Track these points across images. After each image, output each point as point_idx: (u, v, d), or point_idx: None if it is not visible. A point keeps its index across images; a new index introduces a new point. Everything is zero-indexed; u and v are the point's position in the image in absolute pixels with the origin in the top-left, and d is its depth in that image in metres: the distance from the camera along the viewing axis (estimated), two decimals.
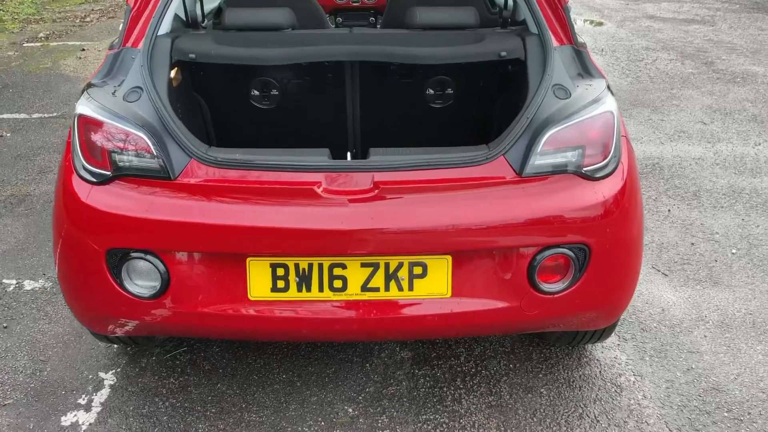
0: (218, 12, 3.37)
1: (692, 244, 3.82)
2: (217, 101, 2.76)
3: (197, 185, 2.22)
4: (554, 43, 2.45)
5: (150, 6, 2.52)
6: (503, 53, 2.45)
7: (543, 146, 2.23)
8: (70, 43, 8.36)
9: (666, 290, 3.41)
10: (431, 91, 2.74)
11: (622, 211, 2.30)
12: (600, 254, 2.28)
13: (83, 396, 2.73)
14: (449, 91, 2.71)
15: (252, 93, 2.71)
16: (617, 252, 2.33)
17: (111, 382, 2.79)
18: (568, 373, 2.86)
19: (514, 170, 2.24)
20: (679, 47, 7.98)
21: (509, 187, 2.22)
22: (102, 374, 2.84)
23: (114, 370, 2.85)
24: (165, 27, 2.53)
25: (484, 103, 2.77)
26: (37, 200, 4.31)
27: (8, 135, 5.40)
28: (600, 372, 2.86)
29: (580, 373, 2.86)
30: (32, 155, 5.01)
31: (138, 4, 2.52)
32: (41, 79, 6.83)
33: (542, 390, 2.76)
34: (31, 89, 6.52)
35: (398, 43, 2.52)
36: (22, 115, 5.85)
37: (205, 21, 3.43)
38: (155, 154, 2.22)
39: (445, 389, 2.75)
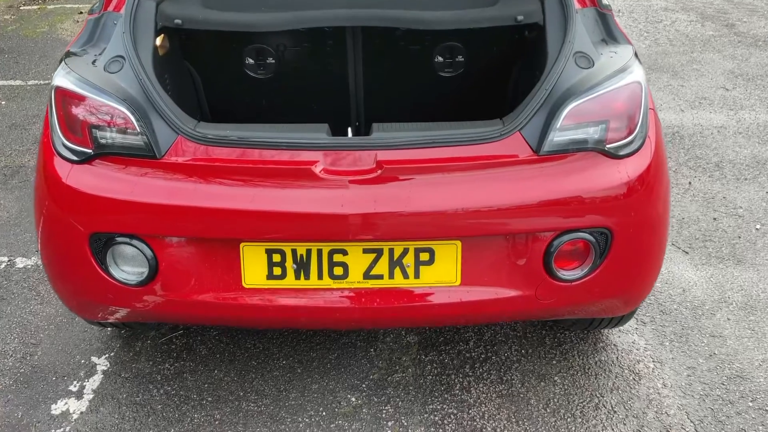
0: None
1: (714, 219, 3.62)
2: (209, 70, 2.55)
3: (185, 164, 2.03)
4: (576, 5, 2.22)
5: None
6: (520, 17, 2.22)
7: (563, 121, 2.02)
8: (68, 6, 8.10)
9: (687, 269, 3.22)
10: (440, 59, 2.51)
11: (648, 191, 2.10)
12: (622, 239, 2.09)
13: (75, 382, 2.59)
14: (460, 58, 2.49)
15: (246, 61, 2.50)
16: (641, 236, 2.13)
17: (104, 368, 2.66)
18: (583, 359, 2.69)
19: (530, 147, 2.04)
20: (699, 8, 7.63)
21: (525, 166, 2.02)
22: (95, 359, 2.70)
23: (107, 355, 2.72)
24: None
25: (498, 71, 2.55)
26: (32, 172, 4.14)
27: (3, 103, 5.21)
28: (617, 358, 2.70)
29: (596, 359, 2.69)
30: (27, 124, 4.83)
31: None
32: (37, 44, 6.61)
33: (556, 378, 2.60)
34: (27, 55, 6.30)
35: (404, 6, 2.29)
36: (18, 82, 5.64)
37: None
38: (139, 130, 2.03)
39: (453, 376, 2.60)
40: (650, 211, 2.12)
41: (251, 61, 2.49)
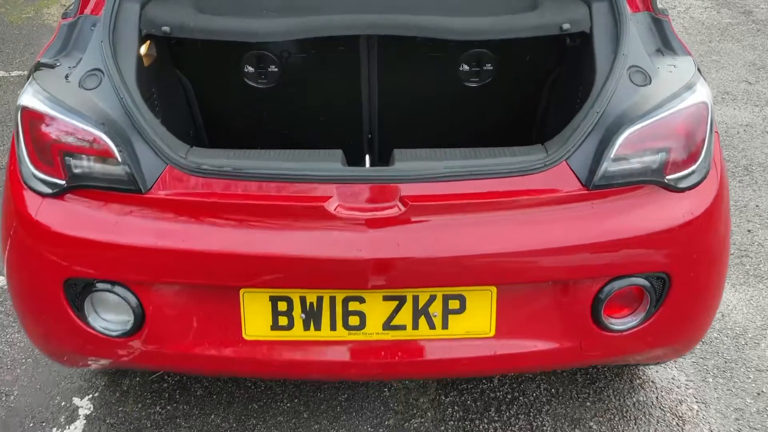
0: None
1: (749, 231, 3.32)
2: (203, 79, 2.22)
3: (175, 200, 1.71)
4: (628, 9, 1.89)
5: None
6: (565, 26, 1.90)
7: (617, 150, 1.71)
8: None
9: (724, 290, 2.93)
10: (466, 67, 2.19)
11: (713, 229, 1.80)
12: (682, 283, 1.79)
13: (54, 429, 2.30)
14: (488, 66, 2.17)
15: (245, 69, 2.17)
16: (702, 278, 1.84)
17: (87, 411, 2.35)
18: (619, 400, 2.41)
19: (579, 180, 1.73)
20: None
21: (574, 202, 1.71)
22: (77, 400, 2.39)
23: (90, 395, 2.41)
24: None
25: (533, 81, 2.23)
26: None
27: None
28: (657, 398, 2.41)
29: (634, 399, 2.41)
30: (9, 120, 4.46)
31: None
32: (22, 31, 6.21)
33: (591, 423, 2.32)
34: (11, 42, 5.90)
35: (429, 11, 1.96)
36: (0, 73, 5.27)
37: None
38: (120, 159, 1.70)
39: (477, 422, 2.31)
40: (714, 250, 1.82)
41: (251, 69, 2.16)
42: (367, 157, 1.82)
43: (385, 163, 1.82)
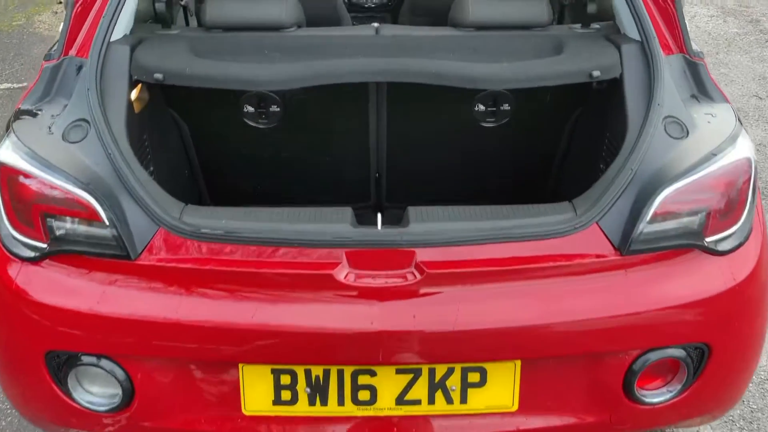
0: None
1: None
2: (199, 119, 2.04)
3: (167, 267, 1.54)
4: (661, 52, 1.73)
5: None
6: (595, 73, 1.73)
7: (654, 211, 1.55)
8: None
9: None
10: (481, 107, 2.02)
11: (756, 293, 1.64)
12: (722, 352, 1.63)
13: None
14: (505, 106, 2.00)
15: (245, 109, 2.00)
16: (743, 345, 1.68)
17: None
18: None
19: (611, 244, 1.56)
20: (718, 1, 7.11)
21: (606, 271, 1.55)
22: None
23: None
24: (123, 26, 1.80)
25: (553, 122, 2.07)
26: None
27: None
28: None
29: None
30: None
31: None
32: (12, 40, 6.01)
33: None
34: (0, 52, 5.72)
35: (446, 55, 1.79)
36: None
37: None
38: (107, 222, 1.53)
39: None
40: (757, 316, 1.67)
41: (251, 108, 1.99)
42: (379, 216, 1.65)
43: (398, 221, 1.66)
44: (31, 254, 1.58)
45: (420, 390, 1.61)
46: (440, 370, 1.59)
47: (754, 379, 2.53)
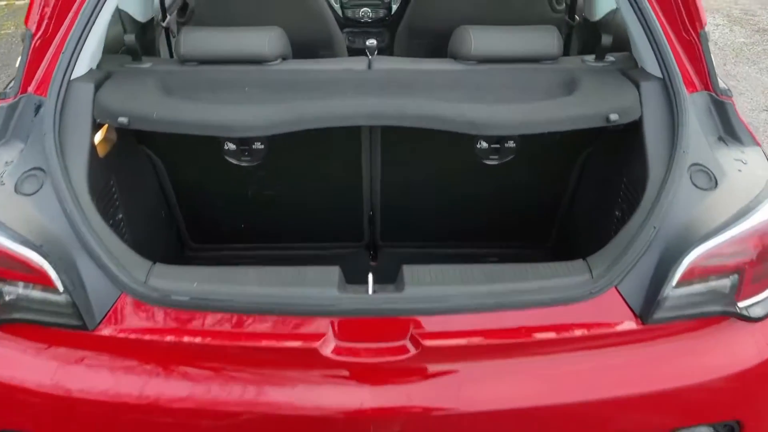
0: (183, 6, 2.42)
1: None
2: (175, 157, 1.86)
3: (130, 340, 1.35)
4: (685, 90, 1.54)
5: (63, 28, 1.59)
6: (612, 116, 1.53)
7: (681, 275, 1.36)
8: None
9: None
10: (484, 144, 1.83)
11: None
12: (754, 429, 1.45)
13: None
14: (510, 144, 1.81)
15: (226, 147, 1.82)
16: None
17: None
18: None
19: (632, 311, 1.37)
20: (725, 9, 6.93)
21: (627, 344, 1.37)
22: None
23: None
24: (87, 59, 1.60)
25: (561, 161, 1.88)
26: None
27: None
28: None
29: None
30: None
31: (45, 26, 1.59)
32: (1, 48, 5.84)
33: None
34: None
35: (445, 93, 1.60)
36: None
37: (167, 19, 2.48)
38: (60, 288, 1.34)
39: None
40: None
41: (232, 146, 1.81)
42: (370, 277, 1.46)
43: (391, 278, 1.47)
44: None
45: None
46: None
47: None
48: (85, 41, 1.55)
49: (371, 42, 3.27)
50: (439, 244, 2.14)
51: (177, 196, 1.97)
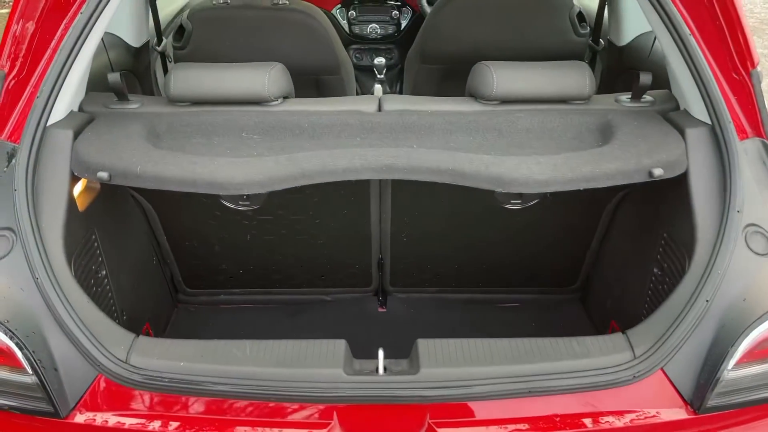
0: (179, 30, 2.24)
1: None
2: (167, 201, 1.68)
3: (108, 429, 1.18)
4: (737, 137, 1.35)
5: (40, 67, 1.42)
6: (656, 171, 1.31)
7: (740, 356, 1.18)
8: None
9: None
10: None
11: None
12: None
13: None
14: None
15: None
16: None
17: None
18: None
19: (682, 398, 1.19)
20: None
21: None
22: None
23: None
24: (67, 100, 1.42)
25: (592, 204, 1.69)
26: None
27: None
28: None
29: None
30: None
31: (20, 65, 1.41)
32: None
33: None
34: None
35: (464, 140, 1.41)
36: None
37: (163, 43, 2.30)
38: (29, 369, 1.17)
39: None
40: None
41: None
42: (380, 354, 1.28)
43: (405, 352, 1.29)
44: None
45: None
46: None
47: None
48: (64, 81, 1.37)
49: (379, 60, 3.09)
50: (454, 289, 1.96)
51: (169, 242, 1.80)
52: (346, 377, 1.19)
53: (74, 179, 1.38)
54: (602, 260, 1.80)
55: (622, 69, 2.22)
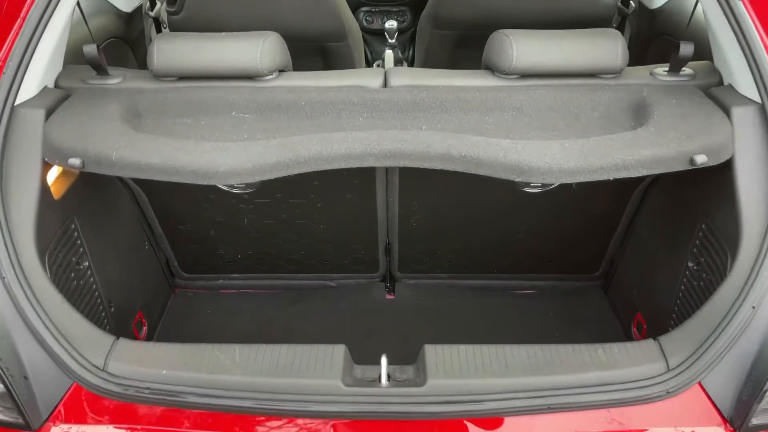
0: None
1: None
2: (159, 185, 1.52)
3: None
4: None
5: (8, 42, 1.26)
6: (699, 158, 1.13)
7: None
8: None
9: None
10: None
11: None
12: None
13: None
14: None
15: None
16: None
17: None
18: None
19: (722, 416, 1.05)
20: None
21: None
22: None
23: None
24: (40, 74, 1.27)
25: (618, 187, 1.51)
26: None
27: None
28: None
29: None
30: None
31: None
32: None
33: None
34: None
35: (479, 119, 1.24)
36: None
37: (156, 8, 2.13)
38: None
39: None
40: None
41: None
42: (383, 361, 1.14)
43: (411, 358, 1.16)
44: None
45: None
46: None
47: None
48: (32, 54, 1.23)
49: (391, 23, 2.87)
50: (466, 275, 1.82)
51: (162, 226, 1.66)
52: (345, 389, 1.06)
53: (48, 164, 1.24)
54: (628, 247, 1.64)
55: (653, 35, 2.02)
